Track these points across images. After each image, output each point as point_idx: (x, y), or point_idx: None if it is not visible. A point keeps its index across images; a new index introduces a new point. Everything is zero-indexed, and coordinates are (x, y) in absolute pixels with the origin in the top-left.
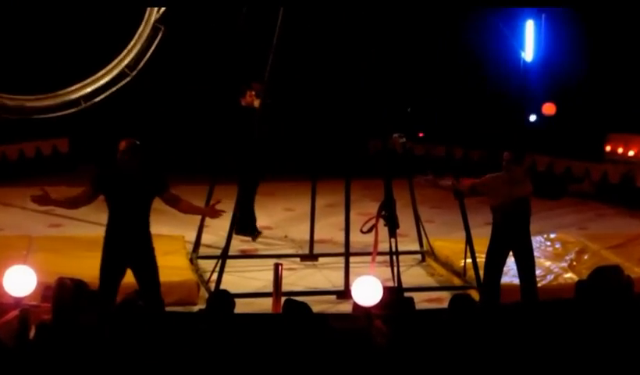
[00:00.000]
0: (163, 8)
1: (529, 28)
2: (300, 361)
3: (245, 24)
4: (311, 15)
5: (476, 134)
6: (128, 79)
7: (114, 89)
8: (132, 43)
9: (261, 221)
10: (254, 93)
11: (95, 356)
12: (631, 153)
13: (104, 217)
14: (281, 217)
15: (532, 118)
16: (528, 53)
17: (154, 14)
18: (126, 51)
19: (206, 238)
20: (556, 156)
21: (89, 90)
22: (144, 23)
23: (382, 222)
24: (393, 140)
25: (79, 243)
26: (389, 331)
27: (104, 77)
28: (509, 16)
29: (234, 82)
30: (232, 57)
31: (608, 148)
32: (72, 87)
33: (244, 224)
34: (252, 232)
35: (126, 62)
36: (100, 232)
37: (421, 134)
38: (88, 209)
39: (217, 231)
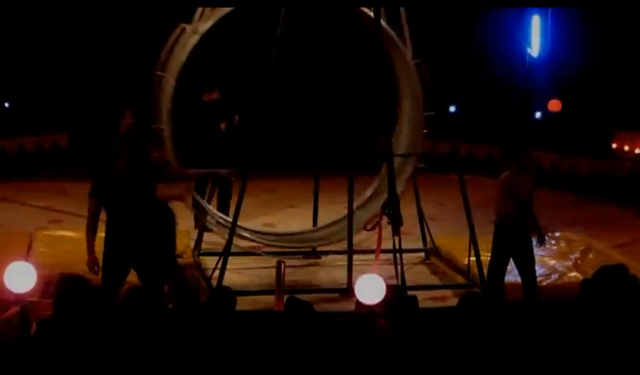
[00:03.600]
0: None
1: (535, 24)
2: (303, 359)
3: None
4: (314, 12)
5: (481, 130)
6: (423, 166)
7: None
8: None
9: (264, 218)
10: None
11: (96, 352)
12: (637, 150)
13: (104, 213)
14: (284, 214)
15: (538, 114)
16: (534, 49)
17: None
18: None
19: (208, 235)
20: (562, 154)
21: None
22: (402, 119)
23: (385, 219)
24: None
25: (80, 239)
26: (392, 330)
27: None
28: (515, 12)
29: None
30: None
31: (614, 146)
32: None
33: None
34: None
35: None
36: (101, 227)
37: (425, 131)
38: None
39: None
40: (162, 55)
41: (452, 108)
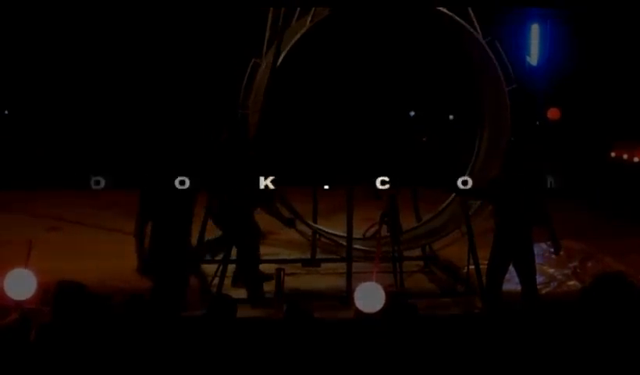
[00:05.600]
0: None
1: (534, 32)
2: (302, 367)
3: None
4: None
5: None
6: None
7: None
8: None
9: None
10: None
11: (95, 359)
12: (636, 159)
13: (103, 220)
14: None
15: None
16: (534, 58)
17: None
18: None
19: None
20: (561, 161)
21: None
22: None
23: (385, 227)
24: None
25: (79, 246)
26: (391, 337)
27: None
28: (514, 20)
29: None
30: None
31: (613, 154)
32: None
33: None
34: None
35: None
36: (100, 235)
37: (424, 139)
38: (87, 212)
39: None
40: (241, 92)
41: (450, 117)
